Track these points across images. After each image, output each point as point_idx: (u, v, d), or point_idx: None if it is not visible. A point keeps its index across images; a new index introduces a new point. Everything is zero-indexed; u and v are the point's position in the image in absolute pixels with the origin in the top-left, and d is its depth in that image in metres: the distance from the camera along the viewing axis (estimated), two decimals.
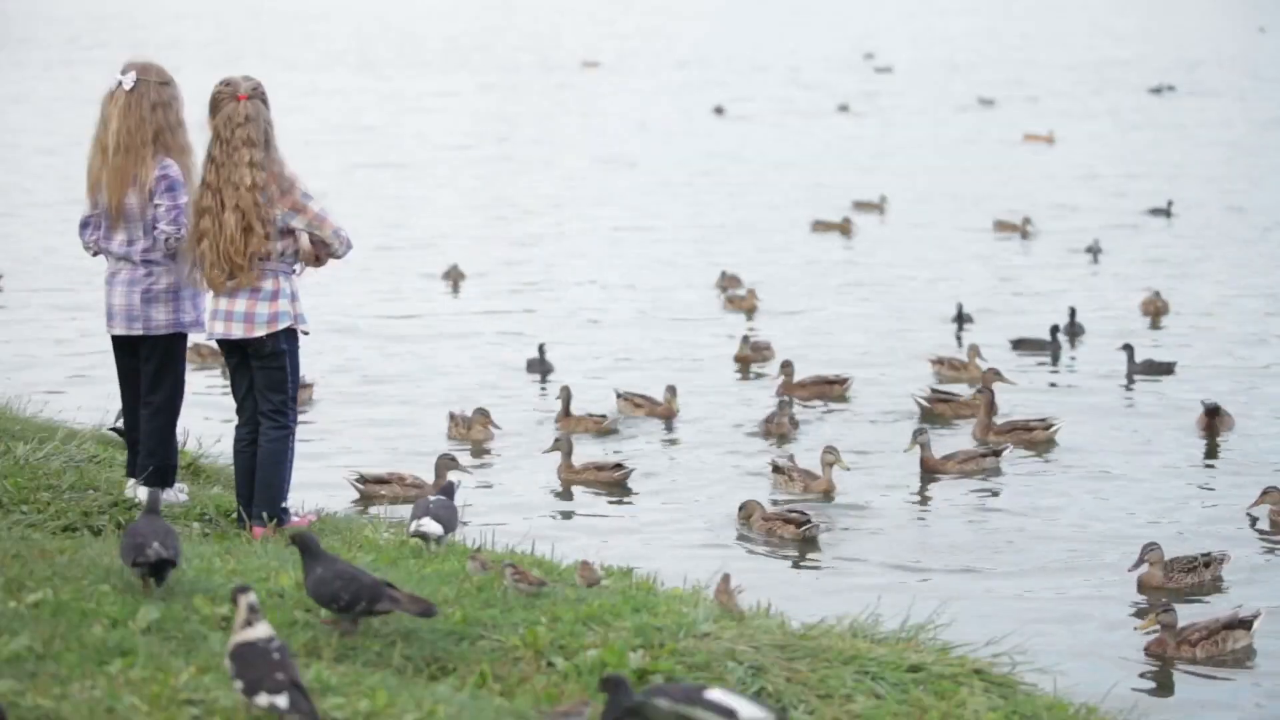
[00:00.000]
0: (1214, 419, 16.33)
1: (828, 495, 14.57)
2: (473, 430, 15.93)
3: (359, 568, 7.15)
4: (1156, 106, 51.22)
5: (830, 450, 14.73)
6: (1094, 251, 26.19)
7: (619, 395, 17.33)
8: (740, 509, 13.70)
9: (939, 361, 18.93)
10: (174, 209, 8.92)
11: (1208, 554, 12.41)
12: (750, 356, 19.50)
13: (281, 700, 6.19)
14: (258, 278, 8.78)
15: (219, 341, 9.03)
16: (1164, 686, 10.53)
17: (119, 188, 8.94)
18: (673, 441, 16.38)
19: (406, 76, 61.72)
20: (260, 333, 8.76)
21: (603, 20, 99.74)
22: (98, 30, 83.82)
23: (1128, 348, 18.93)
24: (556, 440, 15.30)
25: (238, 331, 8.78)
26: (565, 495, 14.68)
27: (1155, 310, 22.19)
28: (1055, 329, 20.02)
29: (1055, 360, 19.69)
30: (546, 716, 6.52)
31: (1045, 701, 7.39)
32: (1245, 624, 10.91)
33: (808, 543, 13.32)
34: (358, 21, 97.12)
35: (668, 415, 17.03)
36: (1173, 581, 12.18)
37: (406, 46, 77.12)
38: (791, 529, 13.44)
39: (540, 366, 18.82)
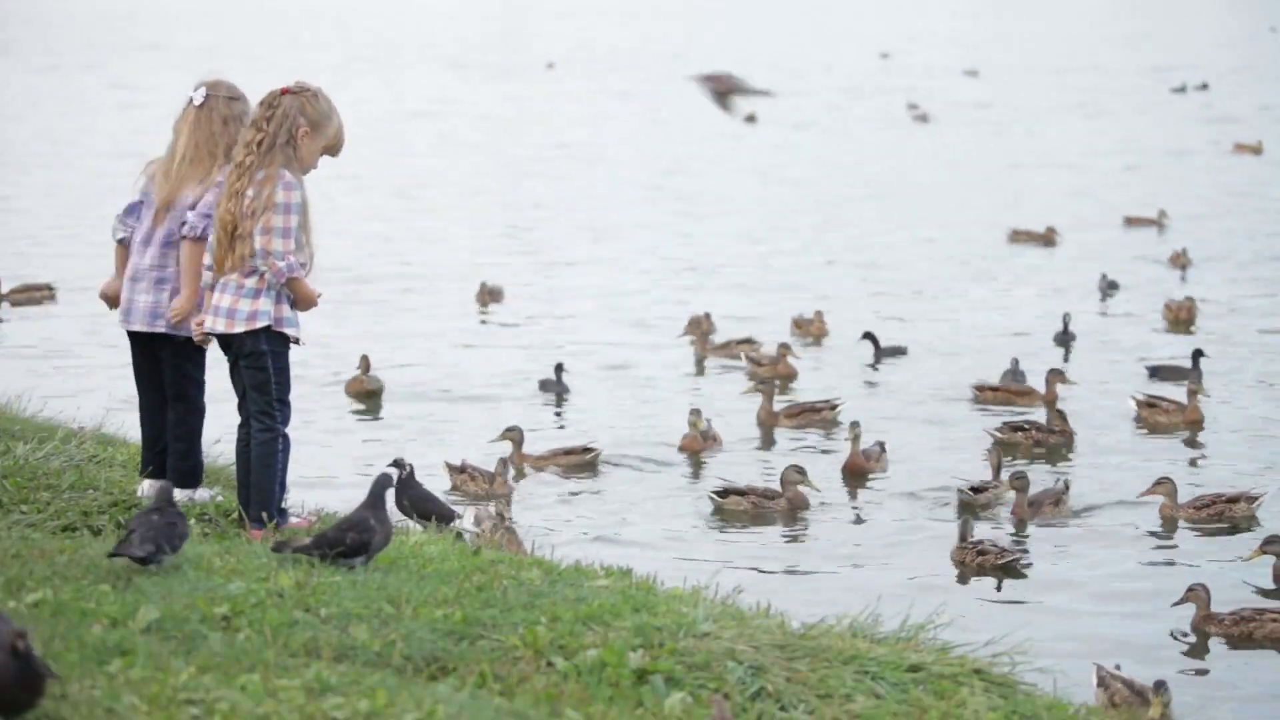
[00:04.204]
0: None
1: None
2: (494, 484, 14.73)
3: None
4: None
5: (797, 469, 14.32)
6: (1104, 291, 24.18)
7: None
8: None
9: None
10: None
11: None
12: (767, 376, 18.97)
13: None
14: (244, 270, 8.61)
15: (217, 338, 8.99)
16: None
17: (177, 186, 8.92)
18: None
19: (408, 79, 61.62)
20: (239, 329, 8.66)
21: (586, 22, 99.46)
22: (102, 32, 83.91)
23: (869, 335, 19.62)
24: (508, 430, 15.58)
25: (220, 327, 8.73)
26: (565, 496, 14.69)
27: (1184, 317, 21.78)
28: (1198, 353, 18.84)
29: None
30: None
31: (1045, 701, 7.39)
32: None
33: (793, 511, 13.65)
34: (369, 22, 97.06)
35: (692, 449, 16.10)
36: (967, 555, 12.74)
37: (408, 46, 77.10)
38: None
39: (556, 387, 18.24)
